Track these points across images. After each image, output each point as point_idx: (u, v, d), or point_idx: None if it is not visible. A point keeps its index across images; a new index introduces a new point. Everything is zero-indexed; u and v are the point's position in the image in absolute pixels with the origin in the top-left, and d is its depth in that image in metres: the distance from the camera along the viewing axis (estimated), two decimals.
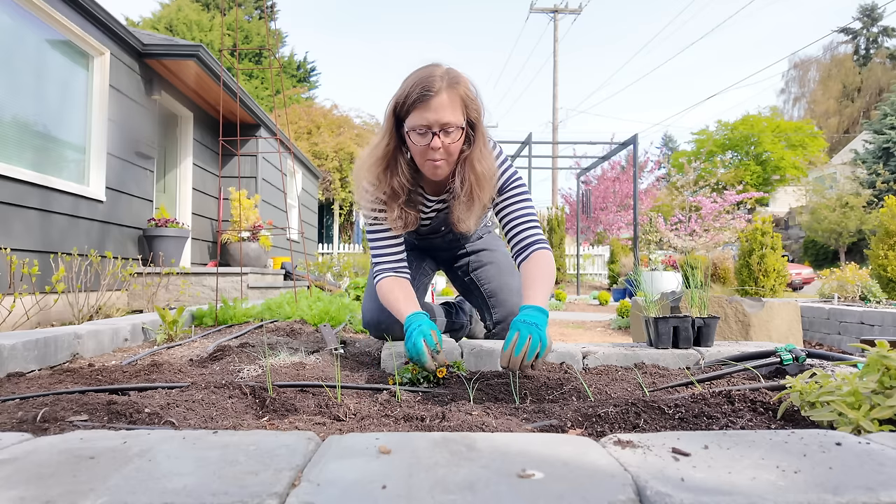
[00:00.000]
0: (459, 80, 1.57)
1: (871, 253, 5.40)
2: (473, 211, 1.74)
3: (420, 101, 1.53)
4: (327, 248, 16.07)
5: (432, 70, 1.57)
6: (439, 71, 1.57)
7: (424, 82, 1.53)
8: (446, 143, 1.57)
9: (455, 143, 1.60)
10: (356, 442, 0.81)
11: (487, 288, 2.25)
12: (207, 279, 5.22)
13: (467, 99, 1.58)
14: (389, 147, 1.65)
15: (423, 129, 1.55)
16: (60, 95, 4.53)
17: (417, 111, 1.54)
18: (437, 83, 1.53)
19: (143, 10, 48.74)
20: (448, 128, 1.55)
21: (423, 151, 1.60)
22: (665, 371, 1.77)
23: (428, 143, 1.57)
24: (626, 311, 4.93)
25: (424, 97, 1.52)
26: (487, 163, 1.68)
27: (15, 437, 0.83)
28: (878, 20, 36.72)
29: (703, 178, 16.55)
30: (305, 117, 16.72)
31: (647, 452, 0.75)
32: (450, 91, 1.54)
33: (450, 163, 1.65)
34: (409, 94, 1.54)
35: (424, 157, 1.61)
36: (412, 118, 1.56)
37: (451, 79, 1.55)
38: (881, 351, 1.00)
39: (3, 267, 3.50)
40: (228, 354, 2.00)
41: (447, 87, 1.54)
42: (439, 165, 1.63)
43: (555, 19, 22.74)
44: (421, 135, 1.56)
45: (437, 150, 1.57)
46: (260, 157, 7.85)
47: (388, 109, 1.63)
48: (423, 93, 1.52)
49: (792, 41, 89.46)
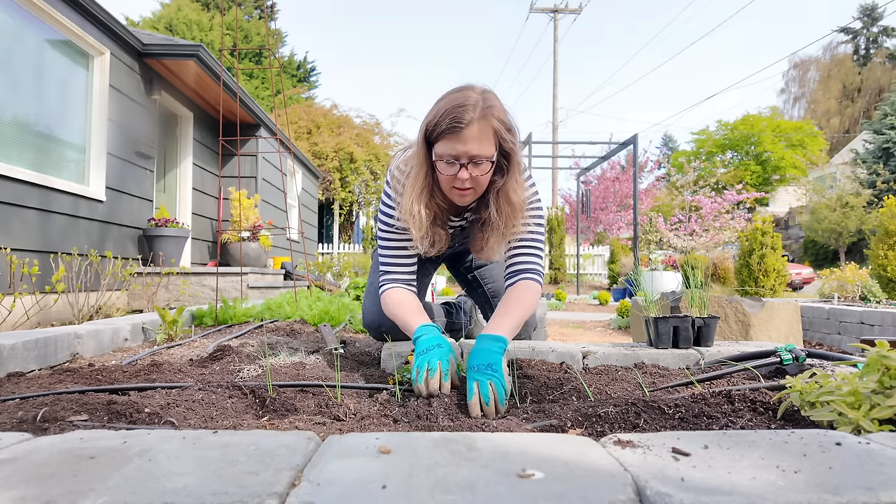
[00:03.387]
0: (493, 109, 1.49)
1: (871, 253, 5.40)
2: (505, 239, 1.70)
3: (450, 132, 1.46)
4: (327, 248, 16.07)
5: (465, 97, 1.48)
6: (472, 98, 1.48)
7: (455, 112, 1.45)
8: (475, 174, 1.52)
9: (484, 176, 1.54)
10: (356, 442, 0.81)
11: (491, 287, 2.25)
12: (207, 279, 5.22)
13: (501, 130, 1.50)
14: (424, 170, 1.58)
15: (451, 160, 1.50)
16: (60, 95, 4.52)
17: (446, 140, 1.48)
18: (469, 114, 1.45)
19: (143, 10, 48.80)
20: (477, 160, 1.49)
21: (450, 180, 1.55)
22: (665, 371, 1.77)
23: (455, 174, 1.52)
24: (626, 311, 4.93)
25: (454, 129, 1.45)
26: (522, 193, 1.63)
27: (15, 437, 0.83)
28: (878, 20, 36.72)
29: (702, 178, 16.56)
30: (305, 117, 16.72)
31: (647, 452, 0.75)
32: (482, 122, 1.46)
33: (477, 192, 1.60)
34: (439, 123, 1.47)
35: (451, 185, 1.56)
36: (441, 146, 1.50)
37: (485, 108, 1.47)
38: (881, 351, 1.00)
39: (3, 267, 3.50)
40: (228, 354, 2.00)
41: (479, 118, 1.46)
42: (466, 195, 1.58)
43: (555, 19, 22.74)
44: (449, 164, 1.51)
45: (464, 180, 1.52)
46: (260, 157, 7.85)
47: (421, 130, 1.56)
48: (453, 124, 1.45)
49: (792, 41, 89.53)
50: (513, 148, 1.55)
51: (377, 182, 16.18)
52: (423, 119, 1.56)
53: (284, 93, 6.36)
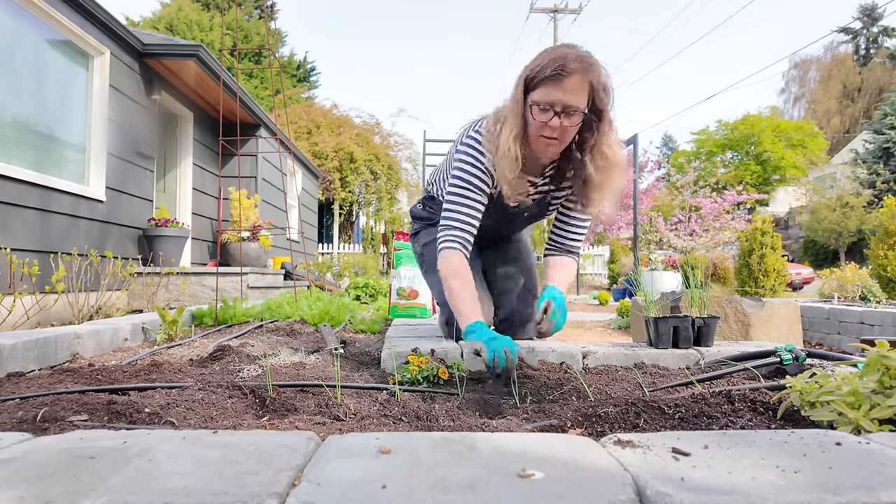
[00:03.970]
0: (593, 65, 1.56)
1: (871, 253, 5.40)
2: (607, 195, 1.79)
3: (551, 79, 1.53)
4: (327, 248, 16.06)
5: (569, 51, 1.56)
6: (575, 52, 1.56)
7: (560, 61, 1.52)
8: (565, 124, 1.58)
9: (573, 127, 1.61)
10: (356, 442, 0.81)
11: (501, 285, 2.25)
12: (207, 279, 5.22)
13: (598, 85, 1.57)
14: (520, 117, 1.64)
15: (547, 106, 1.56)
16: (60, 95, 4.52)
17: (546, 87, 1.55)
18: (572, 64, 1.52)
19: (143, 10, 48.78)
20: (571, 110, 1.56)
21: (540, 127, 1.60)
22: (665, 371, 1.77)
23: (546, 121, 1.57)
24: (626, 310, 4.93)
25: (557, 76, 1.52)
26: (618, 149, 1.70)
27: (15, 437, 0.83)
28: (878, 20, 36.70)
29: (702, 178, 16.55)
30: (305, 117, 16.71)
31: (647, 452, 0.75)
32: (582, 75, 1.53)
33: (561, 145, 1.66)
34: (543, 69, 1.54)
35: (539, 133, 1.62)
36: (539, 92, 1.57)
37: (586, 63, 1.54)
38: (881, 351, 1.00)
39: (3, 267, 3.50)
40: (228, 354, 2.00)
41: (581, 70, 1.53)
42: (551, 144, 1.64)
43: (555, 19, 22.73)
44: (543, 111, 1.57)
45: (554, 129, 1.58)
46: (260, 157, 7.85)
47: (520, 77, 1.62)
48: (557, 71, 1.52)
49: (792, 41, 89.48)
50: (605, 107, 1.61)
51: (377, 182, 16.17)
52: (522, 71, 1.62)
53: (284, 93, 6.36)
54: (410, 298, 3.57)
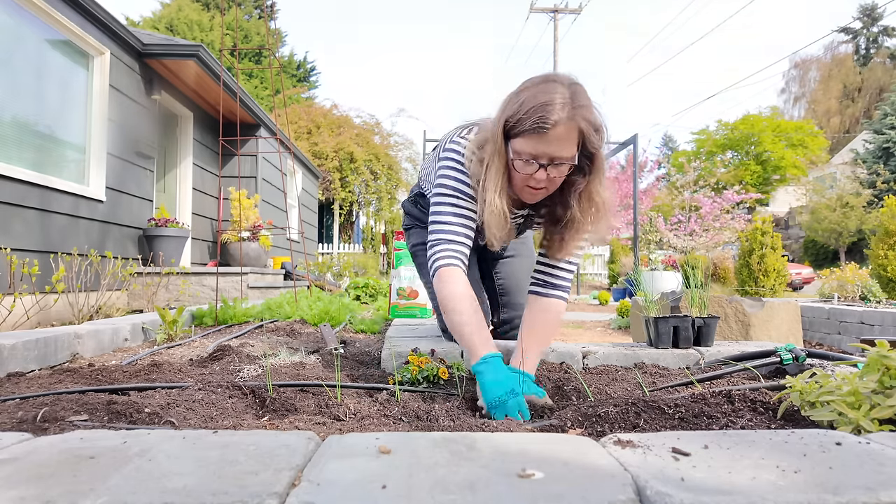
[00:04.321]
0: (581, 107, 1.37)
1: (871, 253, 5.40)
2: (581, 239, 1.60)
3: (533, 132, 1.35)
4: (327, 248, 16.06)
5: (553, 93, 1.36)
6: (560, 95, 1.35)
7: (541, 111, 1.34)
8: (552, 175, 1.42)
9: (560, 177, 1.45)
10: (356, 442, 0.81)
11: (503, 284, 2.22)
12: (207, 279, 5.22)
13: (588, 131, 1.39)
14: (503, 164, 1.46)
15: (530, 159, 1.39)
16: (60, 95, 4.52)
17: (528, 139, 1.38)
18: (556, 114, 1.33)
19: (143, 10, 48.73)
20: (558, 161, 1.40)
21: (524, 179, 1.45)
22: (665, 371, 1.77)
23: (531, 174, 1.42)
24: (626, 310, 4.93)
25: (539, 129, 1.34)
26: (605, 193, 1.52)
27: (15, 437, 0.83)
28: (878, 20, 36.70)
29: (702, 178, 16.55)
30: (305, 117, 16.71)
31: (647, 452, 0.75)
32: (569, 123, 1.35)
33: (548, 192, 1.51)
34: (522, 120, 1.36)
35: (524, 184, 1.47)
36: (521, 143, 1.39)
37: (574, 107, 1.35)
38: (881, 351, 1.00)
39: (3, 267, 3.50)
40: (228, 354, 2.00)
41: (567, 118, 1.34)
42: (537, 195, 1.50)
43: (555, 19, 22.73)
44: (526, 163, 1.40)
45: (540, 181, 1.43)
46: (260, 157, 7.85)
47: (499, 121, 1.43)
48: (539, 124, 1.34)
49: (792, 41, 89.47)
50: (597, 148, 1.45)
51: (377, 182, 16.17)
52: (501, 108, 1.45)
53: (284, 93, 6.36)
54: (410, 298, 3.57)
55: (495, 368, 1.35)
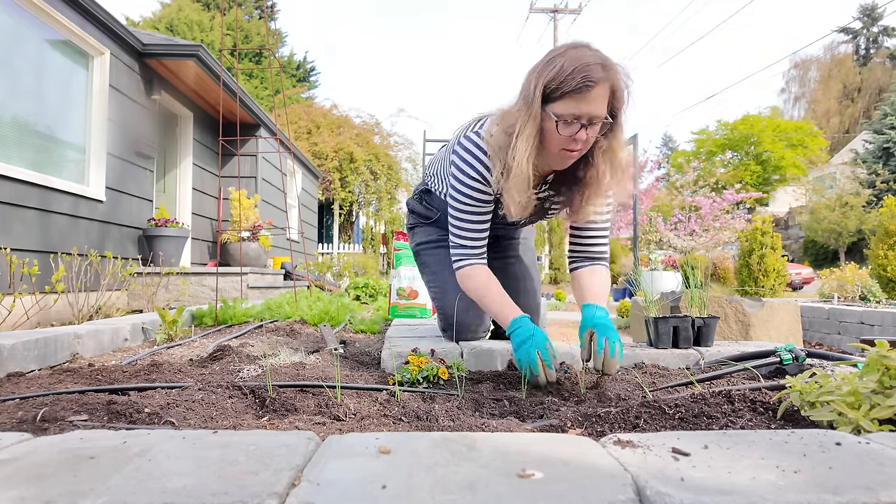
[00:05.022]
0: (615, 69, 1.46)
1: (871, 253, 5.40)
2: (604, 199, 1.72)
3: (577, 92, 1.42)
4: (327, 248, 16.05)
5: (589, 55, 1.44)
6: (595, 57, 1.44)
7: (585, 70, 1.41)
8: (590, 135, 1.50)
9: (594, 137, 1.53)
10: (356, 442, 0.81)
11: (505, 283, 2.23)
12: (207, 279, 5.22)
13: (618, 90, 1.48)
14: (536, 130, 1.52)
15: (573, 119, 1.45)
16: (60, 95, 4.52)
17: (571, 99, 1.43)
18: (598, 72, 1.41)
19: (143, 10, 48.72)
20: (595, 120, 1.47)
21: (563, 141, 1.50)
22: (665, 371, 1.77)
23: (572, 135, 1.48)
24: (626, 311, 4.93)
25: (584, 88, 1.41)
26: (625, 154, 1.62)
27: (15, 437, 0.83)
28: (878, 20, 36.71)
29: (702, 178, 16.54)
30: (305, 117, 16.70)
31: (647, 452, 0.75)
32: (605, 83, 1.44)
33: (582, 153, 1.58)
34: (566, 81, 1.42)
35: (561, 146, 1.52)
36: (562, 105, 1.45)
37: (608, 68, 1.44)
38: (881, 351, 1.00)
39: (3, 267, 3.50)
40: (228, 354, 2.00)
41: (605, 78, 1.43)
42: (573, 157, 1.56)
43: (555, 19, 22.72)
44: (568, 124, 1.46)
45: (579, 141, 1.50)
46: (260, 157, 7.85)
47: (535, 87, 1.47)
48: (585, 83, 1.40)
49: (792, 41, 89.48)
50: (620, 110, 1.53)
51: (377, 182, 16.16)
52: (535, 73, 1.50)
53: (284, 93, 6.36)
54: (410, 298, 3.57)
55: (524, 324, 1.57)
